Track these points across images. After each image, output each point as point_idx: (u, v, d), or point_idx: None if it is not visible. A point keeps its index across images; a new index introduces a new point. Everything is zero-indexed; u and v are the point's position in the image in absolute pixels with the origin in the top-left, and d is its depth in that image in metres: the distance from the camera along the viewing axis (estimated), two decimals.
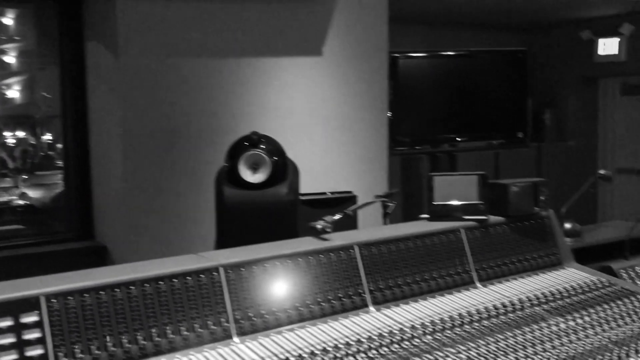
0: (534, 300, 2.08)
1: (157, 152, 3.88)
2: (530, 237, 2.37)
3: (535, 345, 1.78)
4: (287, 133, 4.04)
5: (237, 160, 2.69)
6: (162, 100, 3.89)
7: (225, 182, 2.72)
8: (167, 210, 3.89)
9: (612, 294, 2.18)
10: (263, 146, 2.73)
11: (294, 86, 4.39)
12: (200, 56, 4.07)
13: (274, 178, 2.71)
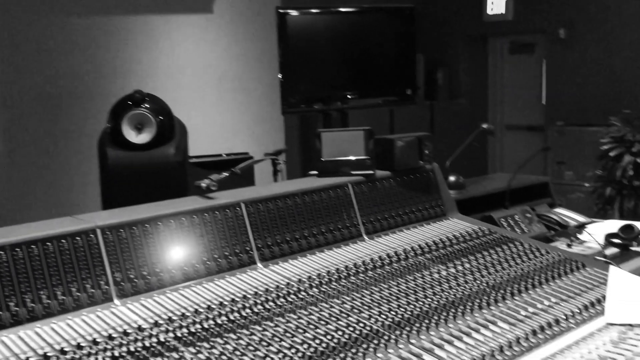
0: (418, 250, 2.14)
1: (40, 115, 3.69)
2: (416, 190, 2.43)
3: (417, 293, 1.83)
4: (178, 93, 3.94)
5: (120, 121, 2.59)
6: (44, 61, 3.69)
7: (108, 144, 2.62)
8: (52, 174, 3.73)
9: (492, 242, 2.28)
10: (147, 105, 2.65)
11: (184, 45, 4.28)
12: (86, 14, 3.87)
13: (161, 138, 2.64)
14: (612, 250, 2.59)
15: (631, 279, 2.05)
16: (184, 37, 4.30)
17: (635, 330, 1.71)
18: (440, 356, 1.52)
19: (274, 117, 4.58)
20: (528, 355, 1.56)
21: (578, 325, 1.74)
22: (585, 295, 1.92)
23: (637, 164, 5.24)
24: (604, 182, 5.55)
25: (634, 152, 5.26)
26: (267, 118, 4.69)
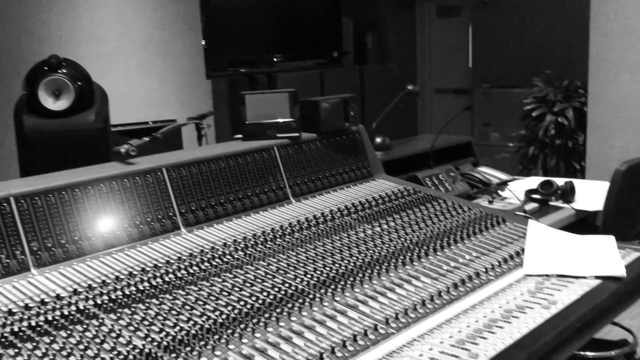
0: (345, 210, 2.15)
1: None
2: (342, 152, 2.44)
3: (343, 252, 1.85)
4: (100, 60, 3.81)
5: (35, 87, 2.48)
6: None
7: (24, 112, 2.51)
8: None
9: (417, 200, 2.32)
10: (64, 71, 2.55)
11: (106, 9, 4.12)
12: None
13: (80, 105, 2.55)
14: (532, 206, 2.68)
15: (549, 231, 2.12)
16: (105, 1, 4.15)
17: (552, 280, 1.78)
18: (365, 312, 1.54)
19: (202, 82, 4.50)
20: (450, 307, 1.60)
21: (498, 277, 1.80)
22: (505, 249, 1.98)
23: (558, 123, 5.41)
24: (527, 142, 5.72)
25: (555, 112, 5.42)
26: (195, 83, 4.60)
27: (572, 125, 5.34)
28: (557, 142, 5.41)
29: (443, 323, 1.53)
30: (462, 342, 1.43)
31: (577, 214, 2.69)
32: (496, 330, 1.49)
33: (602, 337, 3.26)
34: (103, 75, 2.96)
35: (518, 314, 1.57)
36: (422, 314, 1.56)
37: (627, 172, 2.53)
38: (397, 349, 1.41)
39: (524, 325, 1.51)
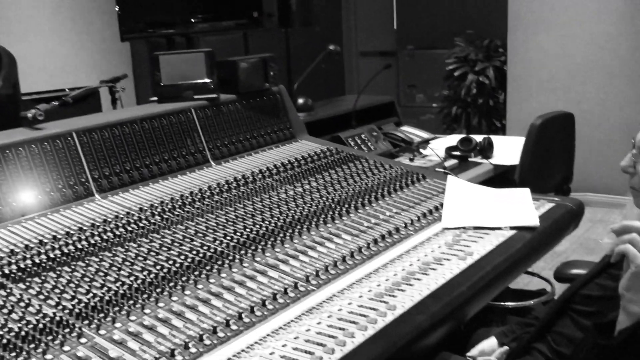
0: (266, 172, 2.13)
1: None
2: (263, 113, 2.41)
3: (264, 213, 1.83)
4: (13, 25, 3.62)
5: None
6: None
7: None
8: None
9: (339, 160, 2.31)
10: None
11: None
12: None
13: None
14: (451, 162, 2.72)
15: (467, 186, 2.17)
16: None
17: (469, 232, 1.82)
18: (285, 271, 1.53)
19: (119, 46, 4.34)
20: (370, 263, 1.62)
21: (417, 232, 1.82)
22: (424, 204, 2.01)
23: (480, 83, 5.51)
24: (450, 102, 5.81)
25: (476, 71, 5.52)
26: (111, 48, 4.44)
27: (493, 84, 5.45)
28: (479, 101, 5.52)
29: (363, 278, 1.54)
30: (380, 295, 1.44)
31: (495, 169, 2.76)
32: (414, 282, 1.51)
33: (522, 287, 3.39)
34: (15, 42, 2.82)
35: (435, 266, 1.60)
36: (342, 270, 1.57)
37: (541, 126, 2.60)
38: (317, 305, 1.41)
39: (440, 276, 1.54)
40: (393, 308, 1.38)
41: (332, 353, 1.21)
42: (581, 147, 3.76)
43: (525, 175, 2.60)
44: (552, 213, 1.97)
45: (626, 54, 4.57)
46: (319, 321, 1.34)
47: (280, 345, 1.25)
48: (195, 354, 1.21)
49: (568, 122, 2.88)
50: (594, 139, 4.46)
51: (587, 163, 4.18)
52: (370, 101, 3.35)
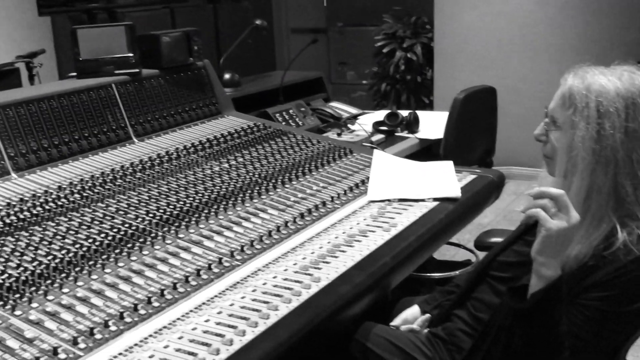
0: (191, 148, 2.10)
1: None
2: (187, 88, 2.36)
3: (188, 189, 1.81)
4: None
5: None
6: None
7: None
8: None
9: (266, 136, 2.30)
10: None
11: None
12: None
13: None
14: (378, 137, 2.75)
15: (392, 160, 2.19)
16: None
17: (393, 204, 1.84)
18: (210, 247, 1.52)
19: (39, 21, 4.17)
20: (296, 237, 1.62)
21: (343, 205, 1.84)
22: (351, 178, 2.03)
23: (408, 59, 5.57)
24: (379, 79, 5.84)
25: (404, 48, 5.56)
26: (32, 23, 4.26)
27: (421, 60, 5.51)
28: (407, 77, 5.57)
29: (288, 252, 1.54)
30: (305, 268, 1.45)
31: (421, 143, 2.80)
32: (339, 254, 1.52)
33: (448, 259, 3.47)
34: None
35: (360, 238, 1.61)
36: (267, 245, 1.56)
37: (464, 100, 2.65)
38: (242, 280, 1.40)
39: (365, 248, 1.56)
40: (317, 280, 1.39)
41: (255, 326, 1.20)
42: (505, 122, 3.85)
43: (449, 149, 2.65)
44: (474, 184, 2.01)
45: (548, 30, 4.70)
46: (243, 295, 1.33)
47: (203, 320, 1.24)
48: (115, 332, 1.19)
49: (490, 96, 2.95)
50: (517, 114, 4.58)
51: (510, 137, 4.29)
52: (298, 77, 3.33)
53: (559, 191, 1.16)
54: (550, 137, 1.32)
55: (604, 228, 1.23)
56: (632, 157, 1.21)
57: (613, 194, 1.23)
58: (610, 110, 1.21)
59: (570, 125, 1.25)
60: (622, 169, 1.22)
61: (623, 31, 4.49)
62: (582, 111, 1.23)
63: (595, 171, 1.22)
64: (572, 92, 1.26)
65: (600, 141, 1.22)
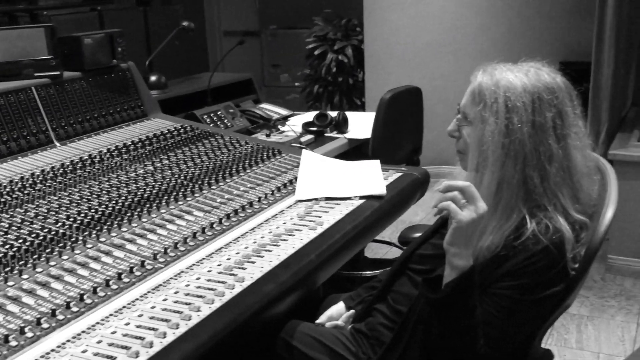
0: (115, 151, 2.06)
1: None
2: (111, 91, 2.32)
3: (111, 192, 1.77)
4: None
5: None
6: None
7: None
8: None
9: (194, 137, 2.28)
10: None
11: None
12: None
13: None
14: (308, 137, 2.76)
15: (320, 159, 2.21)
16: None
17: (320, 203, 1.86)
18: (132, 250, 1.50)
19: None
20: (222, 238, 1.61)
21: (270, 205, 1.84)
22: (279, 179, 2.03)
23: (339, 61, 5.61)
24: (312, 81, 5.87)
25: (336, 50, 5.60)
26: None
27: (352, 62, 5.56)
28: (339, 79, 5.61)
29: (213, 253, 1.53)
30: (229, 268, 1.44)
31: (350, 143, 2.82)
32: (264, 254, 1.52)
33: (380, 257, 3.52)
34: None
35: (286, 237, 1.62)
36: (192, 246, 1.55)
37: (390, 99, 2.69)
38: (164, 282, 1.39)
39: (290, 246, 1.56)
40: (241, 280, 1.39)
41: (176, 328, 1.19)
42: (433, 122, 3.94)
43: (377, 148, 2.68)
44: (399, 182, 2.05)
45: (474, 31, 4.81)
46: (165, 298, 1.32)
47: (123, 324, 1.22)
48: (31, 338, 1.16)
49: (416, 96, 3.01)
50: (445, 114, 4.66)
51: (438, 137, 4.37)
52: (228, 78, 3.32)
53: (465, 183, 1.20)
54: (463, 133, 1.36)
55: (514, 219, 1.27)
56: (539, 149, 1.26)
57: (522, 186, 1.27)
58: (518, 105, 1.26)
59: (481, 120, 1.29)
60: (530, 161, 1.26)
61: (546, 32, 4.65)
62: (491, 106, 1.28)
63: (505, 164, 1.27)
64: (482, 88, 1.30)
65: (509, 135, 1.26)
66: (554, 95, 1.27)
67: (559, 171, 1.26)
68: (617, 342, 2.77)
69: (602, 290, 3.24)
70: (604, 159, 1.56)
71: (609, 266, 3.42)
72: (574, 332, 2.86)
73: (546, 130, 1.26)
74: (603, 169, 1.48)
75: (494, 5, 4.76)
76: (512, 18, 4.72)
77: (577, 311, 3.02)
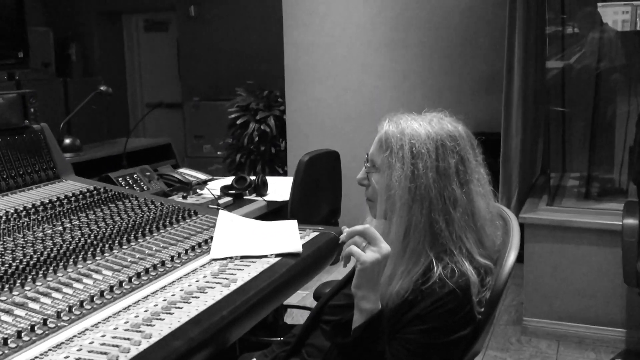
0: (23, 212, 1.99)
1: None
2: (22, 151, 2.26)
3: (15, 252, 1.70)
4: None
5: None
6: None
7: None
8: None
9: (107, 199, 2.23)
10: None
11: None
12: None
13: None
14: (226, 199, 2.75)
15: (237, 219, 2.19)
16: None
17: (235, 262, 1.83)
18: (34, 308, 1.43)
19: None
20: (130, 296, 1.56)
21: (184, 264, 1.80)
22: (194, 238, 2.00)
23: (261, 131, 5.67)
24: (234, 150, 5.89)
25: (258, 120, 5.68)
26: None
27: (274, 132, 5.64)
28: (261, 148, 5.66)
29: (120, 311, 1.48)
30: (137, 325, 1.39)
31: (269, 205, 2.83)
32: (174, 311, 1.48)
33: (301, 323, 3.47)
34: None
35: (199, 294, 1.58)
36: (98, 305, 1.49)
37: (308, 162, 2.73)
38: (67, 340, 1.32)
39: (202, 303, 1.53)
40: (149, 336, 1.34)
41: None
42: (352, 187, 4.00)
43: (295, 210, 2.69)
44: (316, 240, 2.05)
45: (390, 103, 4.98)
46: (67, 355, 1.25)
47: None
48: None
49: (334, 159, 3.06)
50: None
51: (356, 200, 4.46)
52: (146, 143, 3.29)
53: (365, 225, 1.23)
54: (371, 180, 1.39)
55: (422, 263, 1.29)
56: (444, 194, 1.30)
57: (429, 230, 1.30)
58: (422, 151, 1.30)
59: (388, 166, 1.33)
60: (435, 206, 1.30)
61: (458, 105, 4.84)
62: (398, 153, 1.32)
63: (411, 209, 1.30)
64: (388, 136, 1.34)
65: (414, 180, 1.30)
66: (456, 142, 1.33)
67: (463, 215, 1.30)
68: None
69: (518, 352, 3.30)
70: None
71: (524, 328, 3.49)
72: None
73: (450, 176, 1.30)
74: (505, 216, 1.54)
75: (408, 79, 4.97)
76: (425, 91, 4.93)
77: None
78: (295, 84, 5.21)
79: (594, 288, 3.38)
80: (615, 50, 4.53)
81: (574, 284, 3.41)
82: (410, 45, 4.94)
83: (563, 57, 4.59)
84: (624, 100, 4.45)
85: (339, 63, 5.07)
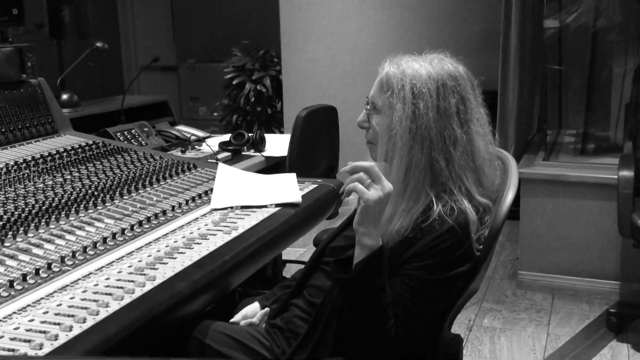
0: (23, 164, 2.00)
1: None
2: (19, 106, 2.25)
3: (17, 201, 1.72)
4: None
5: None
6: None
7: None
8: None
9: (106, 152, 2.24)
10: None
11: None
12: None
13: None
14: (224, 155, 2.75)
15: (236, 172, 2.21)
16: None
17: (236, 211, 1.85)
18: (38, 254, 1.45)
19: None
20: (133, 243, 1.58)
21: (185, 214, 1.82)
22: (194, 190, 2.01)
23: (257, 91, 5.65)
24: (230, 111, 5.87)
25: (254, 80, 5.65)
26: None
27: (270, 92, 5.62)
28: (257, 109, 5.65)
29: (124, 257, 1.50)
30: (141, 269, 1.42)
31: (267, 161, 2.84)
32: (177, 255, 1.50)
33: None
34: None
35: (200, 241, 1.60)
36: (101, 250, 1.51)
37: (306, 117, 2.73)
38: (72, 283, 1.35)
39: (204, 249, 1.55)
40: (153, 279, 1.36)
41: (83, 322, 1.16)
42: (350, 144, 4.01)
43: (293, 165, 2.70)
44: (315, 192, 2.07)
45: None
46: (72, 296, 1.28)
47: (27, 320, 1.17)
48: None
49: (331, 114, 3.06)
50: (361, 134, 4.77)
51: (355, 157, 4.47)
52: (142, 100, 3.28)
53: (370, 163, 1.24)
54: (372, 122, 1.40)
55: (422, 202, 1.31)
56: (444, 134, 1.31)
57: (429, 170, 1.32)
58: (423, 91, 1.31)
59: (389, 107, 1.34)
60: (435, 145, 1.31)
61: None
62: (399, 93, 1.33)
63: (412, 149, 1.31)
64: (389, 77, 1.35)
65: (415, 120, 1.31)
66: (456, 82, 1.34)
67: (462, 155, 1.31)
68: (528, 352, 2.86)
69: (513, 304, 3.35)
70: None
71: (519, 282, 3.54)
72: (487, 343, 2.93)
73: (450, 115, 1.31)
74: (504, 158, 1.55)
75: (404, 38, 4.94)
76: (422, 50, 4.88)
77: (490, 324, 3.10)
78: (290, 44, 5.17)
79: (588, 242, 3.42)
80: (612, 8, 4.51)
81: (569, 238, 3.45)
82: (407, 4, 4.90)
83: (560, 16, 4.57)
84: (621, 58, 4.44)
85: (334, 22, 5.03)
